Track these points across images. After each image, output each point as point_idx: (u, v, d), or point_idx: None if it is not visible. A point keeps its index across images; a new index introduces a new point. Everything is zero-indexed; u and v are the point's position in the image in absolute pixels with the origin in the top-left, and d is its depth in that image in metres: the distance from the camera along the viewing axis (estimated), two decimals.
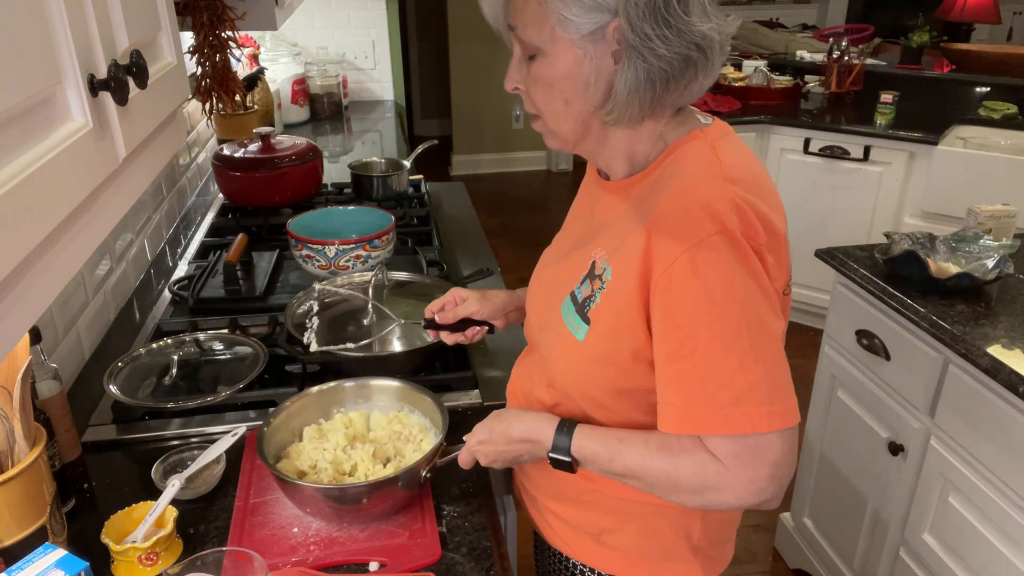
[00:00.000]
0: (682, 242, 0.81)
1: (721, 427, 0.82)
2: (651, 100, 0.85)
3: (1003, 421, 1.45)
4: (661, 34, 0.81)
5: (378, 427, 1.16)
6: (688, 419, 0.84)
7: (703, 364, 0.82)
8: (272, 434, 1.10)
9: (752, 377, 0.81)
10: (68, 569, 0.75)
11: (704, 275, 0.80)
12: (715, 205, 0.81)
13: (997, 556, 1.48)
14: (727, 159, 0.88)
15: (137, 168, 0.79)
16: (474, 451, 1.02)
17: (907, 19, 3.93)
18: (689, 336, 0.82)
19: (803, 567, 2.21)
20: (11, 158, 0.53)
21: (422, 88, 6.58)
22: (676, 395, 0.84)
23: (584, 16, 0.81)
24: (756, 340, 0.81)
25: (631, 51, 0.82)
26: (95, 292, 1.52)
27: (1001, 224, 1.88)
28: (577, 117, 0.89)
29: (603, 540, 1.03)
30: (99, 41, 0.66)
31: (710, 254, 0.80)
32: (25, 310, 0.55)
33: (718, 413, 0.82)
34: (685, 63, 0.84)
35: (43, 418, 1.01)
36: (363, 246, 1.67)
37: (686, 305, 0.81)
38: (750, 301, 0.81)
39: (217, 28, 1.60)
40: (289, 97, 3.11)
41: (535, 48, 0.87)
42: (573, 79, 0.86)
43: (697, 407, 0.83)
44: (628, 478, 0.91)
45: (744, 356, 0.81)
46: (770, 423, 0.82)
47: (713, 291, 0.80)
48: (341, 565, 0.97)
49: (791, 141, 3.30)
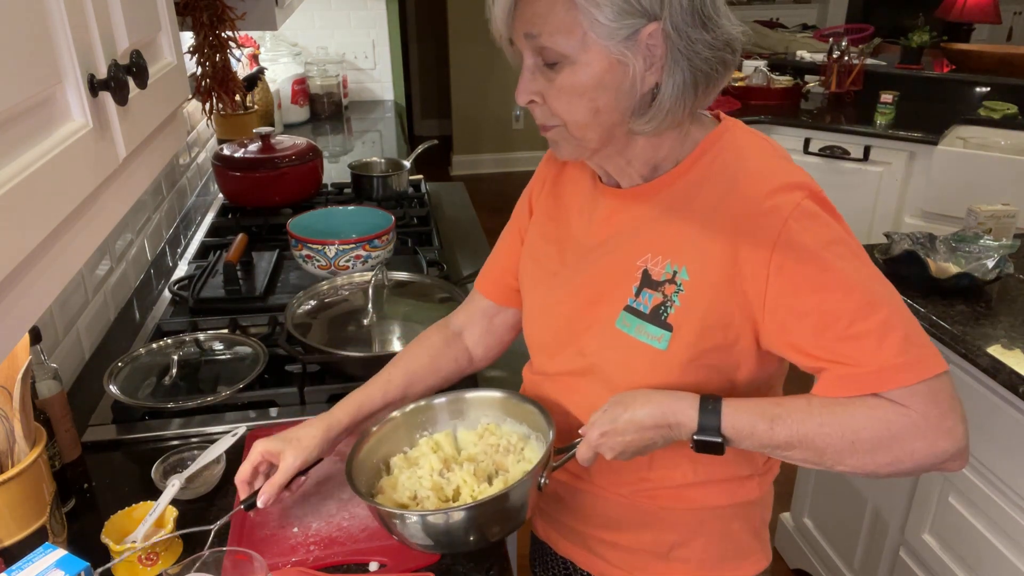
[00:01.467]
0: (777, 219, 0.82)
1: (899, 379, 0.80)
2: (692, 104, 0.84)
3: (1003, 421, 1.45)
4: (702, 37, 0.80)
5: (469, 445, 1.03)
6: (859, 379, 0.81)
7: (853, 322, 0.80)
8: (359, 469, 0.97)
9: (904, 321, 0.81)
10: (68, 569, 0.75)
11: (814, 236, 0.82)
12: (793, 177, 0.85)
13: (997, 556, 1.48)
14: (769, 139, 0.92)
15: (137, 168, 0.79)
16: (596, 445, 0.89)
17: (907, 19, 3.93)
18: (826, 299, 0.81)
19: (803, 567, 2.21)
20: (11, 158, 0.53)
21: (422, 88, 6.58)
22: (836, 363, 0.82)
23: (619, 20, 0.78)
24: (885, 286, 0.83)
25: (676, 55, 0.80)
26: (95, 292, 1.52)
27: (1001, 224, 1.88)
28: (605, 125, 0.85)
29: (673, 555, 0.99)
30: (99, 41, 0.66)
31: (810, 218, 0.82)
32: (25, 310, 0.55)
33: (891, 366, 0.80)
34: (723, 65, 0.84)
35: (43, 418, 1.01)
36: (363, 246, 1.67)
37: (809, 274, 0.81)
38: (857, 248, 0.83)
39: (217, 28, 1.60)
40: (289, 97, 3.11)
41: (560, 56, 0.82)
42: (605, 86, 0.82)
43: (866, 364, 0.80)
44: (793, 447, 0.83)
45: (887, 305, 0.81)
46: (937, 364, 0.81)
47: (830, 248, 0.82)
48: (341, 565, 0.97)
49: (791, 141, 3.30)
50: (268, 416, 1.28)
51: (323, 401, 1.30)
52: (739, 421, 0.84)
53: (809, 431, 0.82)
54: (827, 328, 0.81)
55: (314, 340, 1.36)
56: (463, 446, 1.04)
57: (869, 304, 0.80)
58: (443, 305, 1.49)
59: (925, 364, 0.80)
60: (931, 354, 0.81)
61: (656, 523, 0.99)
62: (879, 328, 0.80)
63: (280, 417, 1.28)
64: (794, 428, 0.83)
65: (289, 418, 1.26)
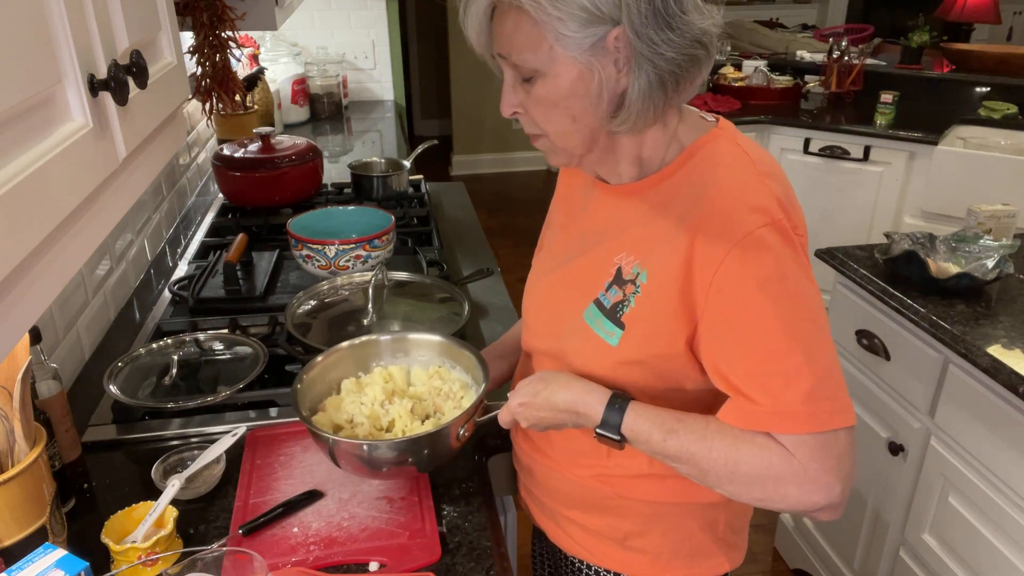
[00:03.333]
0: (729, 240, 0.81)
1: (793, 426, 0.82)
2: (664, 102, 0.85)
3: (1003, 421, 1.45)
4: (666, 37, 0.80)
5: (418, 382, 1.13)
6: (757, 415, 0.83)
7: (767, 361, 0.82)
8: (307, 388, 1.08)
9: (818, 371, 0.81)
10: (68, 569, 0.75)
11: (756, 268, 0.81)
12: (759, 200, 0.83)
13: (997, 556, 1.48)
14: (755, 153, 0.89)
15: (137, 168, 0.79)
16: (515, 412, 0.97)
17: (907, 19, 3.93)
18: (750, 332, 0.82)
19: (803, 567, 2.21)
20: (11, 158, 0.53)
21: (422, 88, 6.58)
22: (741, 395, 0.84)
23: (583, 31, 0.79)
24: (814, 333, 0.82)
25: (639, 58, 0.81)
26: (95, 292, 1.52)
27: (1001, 224, 1.88)
28: (585, 131, 0.88)
29: (629, 544, 1.02)
30: (99, 41, 0.66)
31: (759, 248, 0.81)
32: (25, 310, 0.55)
33: (789, 411, 0.81)
34: (692, 61, 0.83)
35: (43, 418, 1.01)
36: (363, 246, 1.67)
37: (742, 301, 0.82)
38: (803, 292, 0.82)
39: (217, 28, 1.60)
40: (289, 97, 3.11)
41: (532, 71, 0.84)
42: (579, 95, 0.84)
43: (766, 404, 0.82)
44: (681, 462, 0.88)
45: (808, 350, 0.81)
46: (839, 420, 0.82)
47: (767, 284, 0.81)
48: (341, 565, 0.97)
49: (791, 141, 3.30)
50: (268, 416, 1.28)
51: None
52: (638, 426, 0.89)
53: (697, 452, 0.86)
54: (743, 359, 0.83)
55: (314, 340, 1.36)
56: (413, 382, 1.14)
57: (787, 348, 0.81)
58: (443, 305, 1.49)
59: (821, 418, 0.81)
60: (834, 409, 0.82)
61: (612, 509, 1.01)
62: (789, 373, 0.81)
63: (280, 417, 1.28)
64: (685, 446, 0.87)
65: (289, 418, 1.26)
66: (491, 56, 0.89)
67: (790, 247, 0.82)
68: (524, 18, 0.81)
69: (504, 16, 0.83)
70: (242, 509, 1.06)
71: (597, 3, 0.78)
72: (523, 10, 0.80)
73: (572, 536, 1.07)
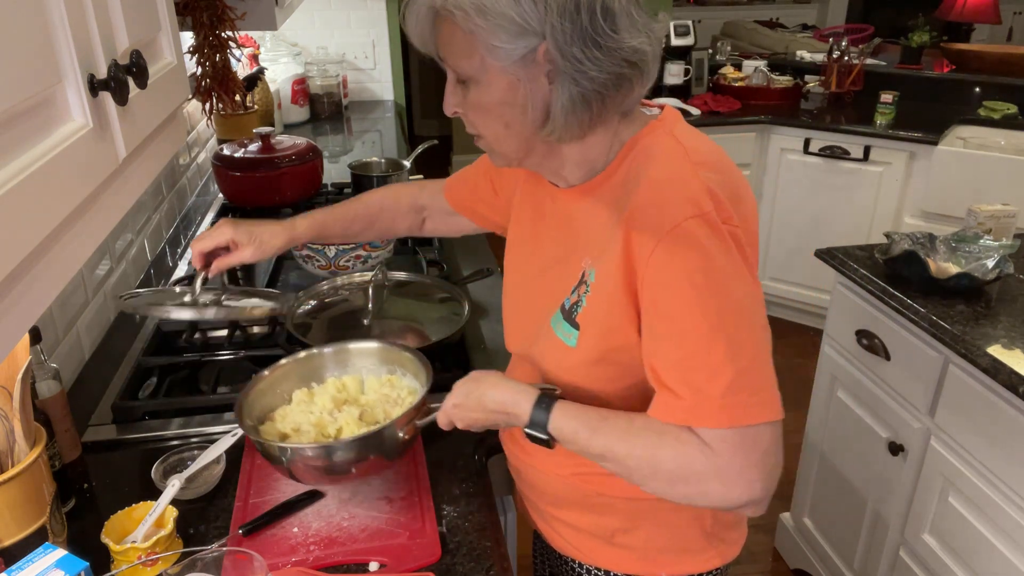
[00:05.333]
0: (658, 232, 0.81)
1: (712, 419, 0.81)
2: (589, 119, 0.85)
3: (1003, 421, 1.45)
4: (591, 55, 0.80)
5: (371, 391, 1.15)
6: (678, 410, 0.83)
7: (691, 354, 0.81)
8: (256, 399, 1.11)
9: (741, 364, 0.80)
10: (68, 569, 0.75)
11: (682, 261, 0.80)
12: (688, 191, 0.81)
13: (997, 556, 1.48)
14: (690, 144, 0.88)
15: (137, 168, 0.79)
16: (449, 414, 0.99)
17: (907, 19, 3.93)
18: (675, 325, 0.82)
19: (803, 567, 2.21)
20: (11, 158, 0.53)
21: (422, 88, 6.58)
22: (666, 388, 0.84)
23: (512, 42, 0.80)
24: (740, 326, 0.81)
25: (563, 75, 0.81)
26: (95, 292, 1.52)
27: (1001, 224, 1.88)
28: (519, 138, 0.89)
29: (616, 541, 1.03)
30: (99, 41, 0.66)
31: (687, 239, 0.80)
32: (25, 310, 0.55)
33: (708, 404, 0.81)
34: (619, 80, 0.83)
35: (43, 418, 1.01)
36: (363, 246, 1.67)
37: (668, 294, 0.82)
38: (731, 285, 0.81)
39: (217, 28, 1.60)
40: (289, 97, 3.11)
41: (467, 76, 0.86)
42: (510, 104, 0.85)
43: (687, 398, 0.82)
44: (606, 460, 0.89)
45: (731, 343, 0.80)
46: (760, 414, 0.81)
47: (692, 276, 0.80)
48: (341, 565, 0.97)
49: (791, 141, 3.30)
50: None
51: None
52: (564, 425, 0.90)
53: (620, 451, 0.87)
54: (669, 352, 0.83)
55: (314, 340, 1.36)
56: (366, 391, 1.16)
57: (710, 341, 0.80)
58: (443, 305, 1.49)
59: (744, 411, 0.81)
60: (758, 402, 0.81)
61: (597, 507, 1.02)
62: (712, 366, 0.80)
63: None
64: (609, 444, 0.87)
65: None
66: (437, 56, 0.90)
67: (718, 239, 0.81)
68: (457, 27, 0.82)
69: (441, 23, 0.85)
70: (242, 509, 1.06)
71: (526, 16, 0.78)
72: (456, 20, 0.81)
73: (562, 535, 1.08)
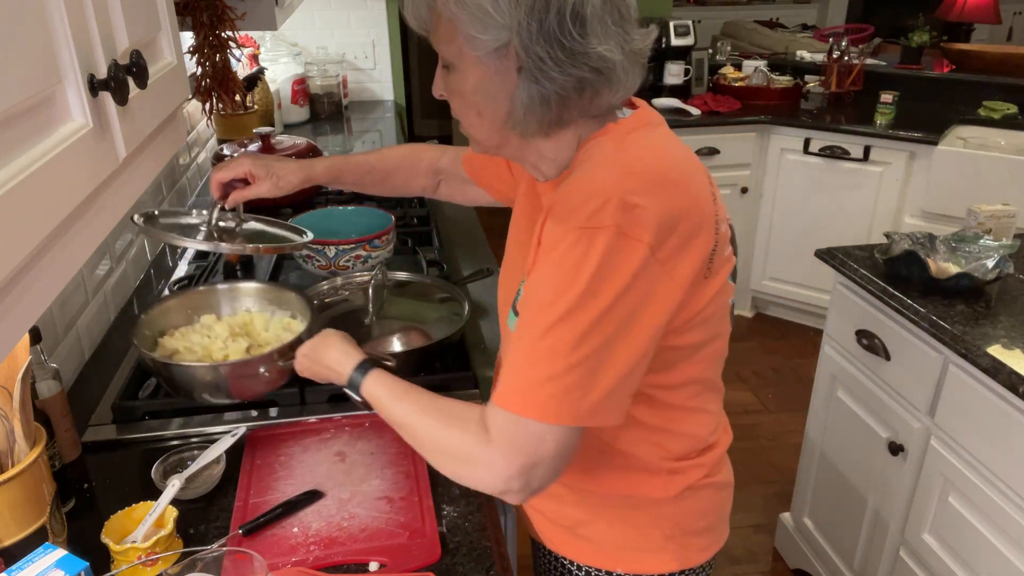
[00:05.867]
0: (559, 226, 0.82)
1: (508, 402, 0.81)
2: (549, 119, 0.87)
3: (1003, 421, 1.45)
4: (555, 56, 0.82)
5: (273, 330, 1.29)
6: (500, 389, 0.84)
7: (526, 339, 0.82)
8: (160, 315, 1.26)
9: (562, 364, 0.79)
10: (68, 569, 0.75)
11: (562, 255, 0.80)
12: (600, 198, 0.80)
13: (997, 556, 1.48)
14: (633, 152, 0.87)
15: (137, 168, 0.79)
16: (298, 362, 1.09)
17: (907, 19, 3.94)
18: (531, 311, 0.83)
19: (803, 567, 2.21)
20: (11, 158, 0.53)
21: (422, 88, 6.57)
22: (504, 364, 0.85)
23: (487, 34, 0.82)
24: (591, 335, 0.79)
25: (526, 72, 0.83)
26: (95, 292, 1.52)
27: (1001, 224, 1.88)
28: (491, 127, 0.91)
29: (578, 532, 1.04)
30: (99, 41, 0.66)
31: (578, 238, 0.80)
32: (25, 310, 0.55)
33: (513, 388, 0.81)
34: (580, 84, 0.84)
35: (43, 418, 1.01)
36: (363, 246, 1.67)
37: (540, 280, 0.82)
38: (605, 292, 0.79)
39: (217, 28, 1.60)
40: (289, 97, 3.11)
41: (448, 62, 0.89)
42: (482, 92, 0.88)
43: (508, 378, 0.82)
44: (404, 430, 0.93)
45: (567, 342, 0.79)
46: (548, 414, 0.80)
47: (566, 270, 0.80)
48: (341, 565, 0.97)
49: (791, 141, 3.30)
50: (268, 416, 1.28)
51: (323, 401, 1.30)
52: (374, 391, 0.97)
53: (412, 423, 0.92)
54: (522, 335, 0.83)
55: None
56: (270, 329, 1.29)
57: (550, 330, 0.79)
58: (443, 305, 1.49)
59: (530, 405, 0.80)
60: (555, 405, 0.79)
61: (562, 497, 1.03)
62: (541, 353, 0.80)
63: (280, 417, 1.28)
64: (404, 416, 0.93)
65: (289, 418, 1.27)
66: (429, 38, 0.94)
67: (608, 250, 0.79)
68: (441, 13, 0.85)
69: (432, 6, 0.87)
70: (242, 509, 1.06)
71: (499, 10, 0.80)
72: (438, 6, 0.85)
73: (535, 521, 1.11)
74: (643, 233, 0.79)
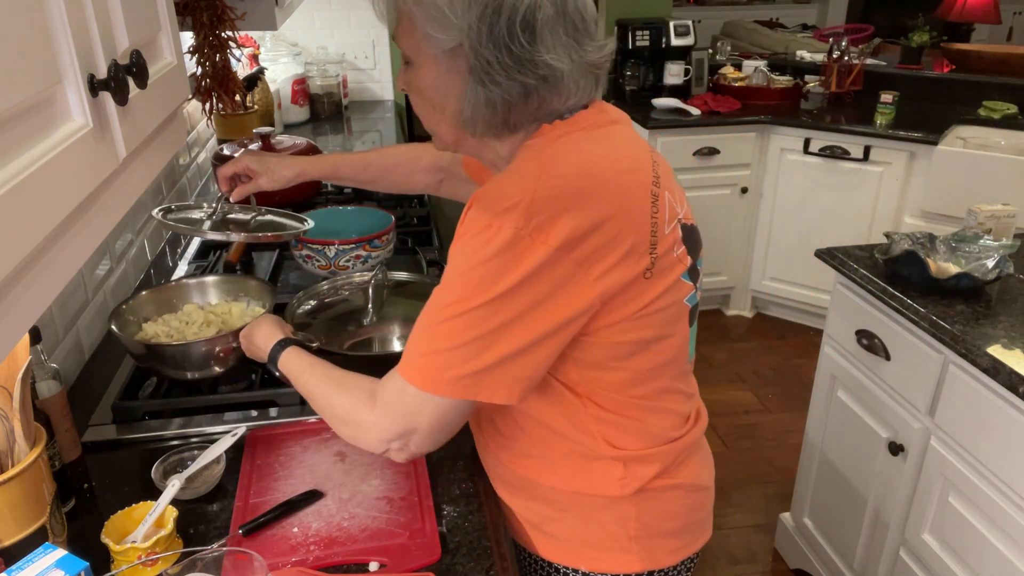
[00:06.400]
0: (471, 217, 0.85)
1: (399, 370, 0.88)
2: (495, 122, 0.90)
3: (1003, 421, 1.45)
4: (502, 61, 0.84)
5: (244, 318, 1.39)
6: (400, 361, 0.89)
7: (426, 316, 0.87)
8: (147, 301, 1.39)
9: (450, 341, 0.84)
10: (68, 569, 0.75)
11: (468, 246, 0.84)
12: (511, 201, 0.82)
13: (997, 556, 1.48)
14: (553, 158, 0.87)
15: (137, 168, 0.79)
16: (240, 341, 1.21)
17: (907, 19, 3.94)
18: (437, 290, 0.87)
19: (803, 567, 2.21)
20: (11, 158, 0.53)
21: None
22: None
23: (441, 33, 0.85)
24: (483, 317, 0.82)
25: (474, 73, 0.86)
26: (95, 292, 1.52)
27: (1001, 224, 1.88)
28: (447, 124, 0.94)
29: (544, 529, 1.05)
30: (99, 41, 0.66)
31: (484, 232, 0.82)
32: (25, 310, 0.55)
33: (405, 358, 0.88)
34: (526, 91, 0.87)
35: (43, 418, 1.01)
36: (363, 246, 1.67)
37: (448, 265, 0.86)
38: (501, 284, 0.81)
39: (217, 28, 1.60)
40: (289, 97, 3.11)
41: (407, 57, 0.93)
42: (436, 90, 0.91)
43: (405, 351, 0.89)
44: (310, 399, 1.02)
45: (459, 322, 0.83)
46: (428, 383, 0.85)
47: (469, 260, 0.83)
48: (341, 565, 0.97)
49: (791, 141, 3.30)
50: (268, 416, 1.28)
51: None
52: (288, 364, 1.07)
53: (313, 391, 1.01)
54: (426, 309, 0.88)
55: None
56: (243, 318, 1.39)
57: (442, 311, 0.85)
58: None
59: (414, 372, 0.86)
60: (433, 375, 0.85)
61: (528, 492, 1.04)
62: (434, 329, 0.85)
63: (280, 417, 1.28)
64: (308, 386, 1.02)
65: (289, 418, 1.27)
66: None
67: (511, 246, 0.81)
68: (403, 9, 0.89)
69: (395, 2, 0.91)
70: (242, 509, 1.06)
71: (454, 10, 0.83)
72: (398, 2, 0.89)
73: (507, 516, 1.11)
74: (547, 237, 0.81)
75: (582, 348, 0.91)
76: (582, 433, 0.96)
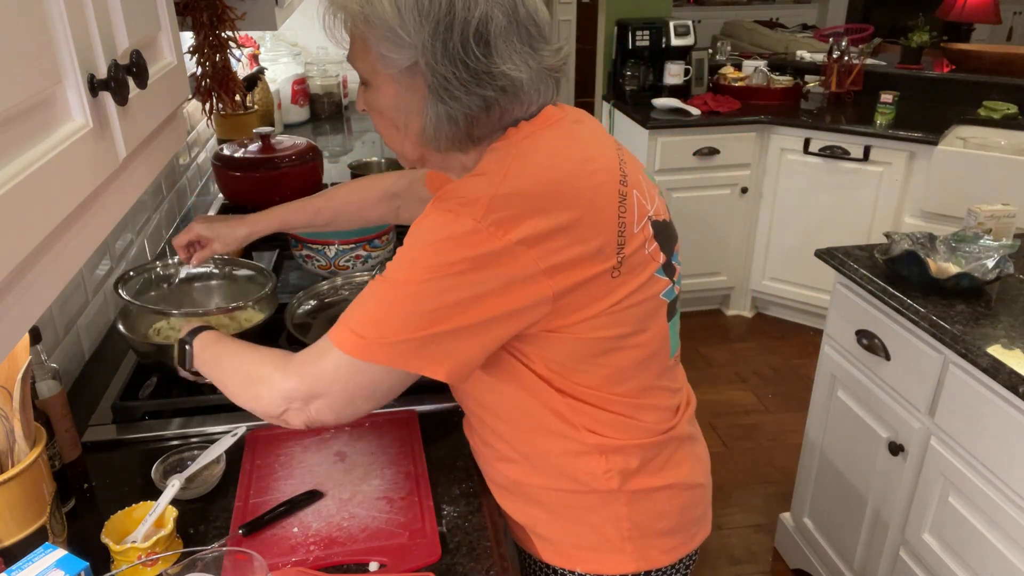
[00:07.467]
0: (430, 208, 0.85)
1: (329, 334, 0.87)
2: (458, 136, 0.90)
3: (1003, 421, 1.45)
4: (460, 77, 0.84)
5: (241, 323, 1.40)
6: None
7: (367, 289, 0.87)
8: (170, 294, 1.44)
9: (381, 311, 0.84)
10: (68, 569, 0.75)
11: (419, 229, 0.85)
12: (472, 199, 0.83)
13: (997, 556, 1.48)
14: (524, 154, 0.87)
15: (137, 168, 0.79)
16: None
17: (907, 19, 3.94)
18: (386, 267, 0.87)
19: (803, 567, 2.21)
20: (11, 158, 0.53)
21: None
22: None
23: (396, 52, 0.85)
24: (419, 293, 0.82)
25: (433, 90, 0.86)
26: (95, 292, 1.52)
27: (1001, 224, 1.88)
28: (409, 142, 0.94)
29: (538, 531, 1.05)
30: (99, 41, 0.66)
31: (440, 218, 0.83)
32: (25, 310, 0.55)
33: (336, 324, 0.87)
34: (486, 103, 0.87)
35: (43, 418, 1.01)
36: (363, 246, 1.67)
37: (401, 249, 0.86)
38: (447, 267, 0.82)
39: (217, 28, 1.60)
40: (289, 97, 3.11)
41: (363, 79, 0.92)
42: (397, 108, 0.90)
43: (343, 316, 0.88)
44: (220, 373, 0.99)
45: (394, 295, 0.83)
46: (347, 345, 0.84)
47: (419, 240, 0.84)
48: (341, 565, 0.97)
49: (791, 141, 3.30)
50: None
51: None
52: (198, 346, 1.04)
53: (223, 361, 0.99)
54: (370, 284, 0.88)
55: (314, 340, 1.36)
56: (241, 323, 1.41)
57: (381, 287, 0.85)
58: None
59: (344, 339, 0.85)
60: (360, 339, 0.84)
61: (521, 495, 1.04)
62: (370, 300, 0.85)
63: None
64: (217, 355, 1.01)
65: None
66: None
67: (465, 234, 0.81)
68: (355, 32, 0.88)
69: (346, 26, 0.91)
70: (242, 509, 1.06)
71: (407, 30, 0.83)
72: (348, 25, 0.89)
73: (506, 517, 1.11)
74: (506, 233, 0.81)
75: (551, 344, 0.90)
76: (565, 424, 0.96)
